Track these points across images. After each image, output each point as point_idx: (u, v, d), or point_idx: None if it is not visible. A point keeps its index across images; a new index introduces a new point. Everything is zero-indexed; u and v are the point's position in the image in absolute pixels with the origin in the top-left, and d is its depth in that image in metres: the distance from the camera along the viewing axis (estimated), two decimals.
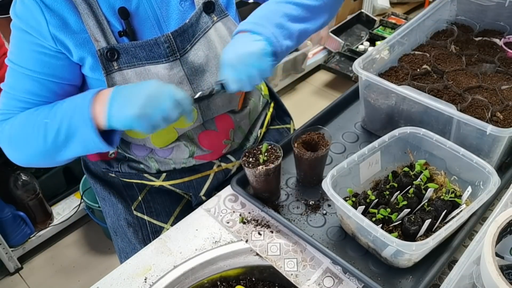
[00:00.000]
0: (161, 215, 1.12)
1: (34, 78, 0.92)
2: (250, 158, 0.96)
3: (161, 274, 0.88)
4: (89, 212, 1.98)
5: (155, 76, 0.96)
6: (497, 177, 0.84)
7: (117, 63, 0.93)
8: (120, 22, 0.93)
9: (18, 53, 0.92)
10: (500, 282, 0.64)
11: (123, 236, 1.13)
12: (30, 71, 0.91)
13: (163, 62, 0.96)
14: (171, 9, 0.97)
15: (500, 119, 1.00)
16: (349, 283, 0.84)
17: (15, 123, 0.93)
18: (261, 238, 0.92)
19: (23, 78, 0.92)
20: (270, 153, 0.96)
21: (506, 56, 1.17)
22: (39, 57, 0.91)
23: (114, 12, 0.92)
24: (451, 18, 1.33)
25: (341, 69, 2.76)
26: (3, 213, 1.81)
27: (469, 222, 0.88)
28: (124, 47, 0.92)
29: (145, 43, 0.94)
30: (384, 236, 0.76)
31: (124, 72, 0.94)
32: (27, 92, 0.93)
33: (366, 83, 1.08)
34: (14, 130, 0.93)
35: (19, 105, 0.94)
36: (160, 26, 0.96)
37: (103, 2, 0.91)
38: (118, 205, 1.13)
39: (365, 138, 1.15)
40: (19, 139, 0.93)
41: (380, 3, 3.14)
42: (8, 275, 1.96)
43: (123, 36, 0.93)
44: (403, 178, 0.93)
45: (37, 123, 0.90)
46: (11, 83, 0.94)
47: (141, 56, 0.94)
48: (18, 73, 0.92)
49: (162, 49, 0.95)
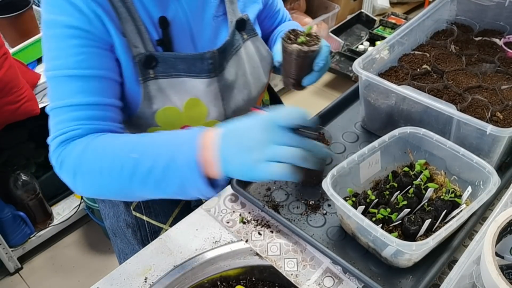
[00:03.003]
0: (160, 216, 1.12)
1: (89, 76, 0.84)
2: (291, 35, 0.96)
3: (161, 274, 0.88)
4: (89, 212, 1.98)
5: (190, 89, 0.95)
6: (497, 177, 0.84)
7: (154, 71, 0.92)
8: (157, 31, 0.92)
9: (65, 55, 0.84)
10: (500, 282, 0.64)
11: (122, 237, 1.13)
12: (83, 70, 0.84)
13: (203, 77, 0.96)
14: (204, 23, 0.97)
15: (500, 119, 1.00)
16: (349, 283, 0.84)
17: (86, 152, 0.81)
18: (261, 238, 0.92)
19: (75, 80, 0.84)
20: (311, 39, 0.95)
21: (506, 56, 1.17)
22: (91, 51, 0.85)
23: (152, 20, 0.91)
24: (451, 18, 1.33)
25: (341, 69, 2.76)
26: (3, 213, 1.81)
27: (469, 222, 0.88)
28: (163, 56, 0.91)
29: (188, 56, 0.93)
30: (384, 236, 0.76)
31: (160, 81, 0.93)
32: (83, 95, 0.84)
33: (366, 83, 1.08)
34: (85, 160, 0.81)
35: (77, 117, 0.83)
36: (194, 39, 0.96)
37: (142, 9, 0.89)
38: (119, 206, 1.12)
39: (365, 138, 1.15)
40: (91, 171, 0.81)
41: (380, 3, 3.14)
42: (8, 275, 1.96)
43: (159, 45, 0.92)
44: (403, 178, 0.93)
45: (119, 157, 0.79)
46: (61, 93, 0.85)
47: (179, 68, 0.93)
48: (67, 77, 0.84)
49: (206, 64, 0.94)
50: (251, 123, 0.72)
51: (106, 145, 0.81)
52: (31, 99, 1.58)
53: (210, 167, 0.73)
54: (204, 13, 0.96)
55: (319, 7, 2.87)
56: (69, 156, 0.83)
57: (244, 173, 0.70)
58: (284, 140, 0.69)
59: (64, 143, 0.84)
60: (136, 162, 0.77)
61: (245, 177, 0.72)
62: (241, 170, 0.71)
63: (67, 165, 0.83)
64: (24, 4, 1.63)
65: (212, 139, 0.73)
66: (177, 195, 0.78)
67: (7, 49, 1.47)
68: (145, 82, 0.91)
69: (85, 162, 0.81)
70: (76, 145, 0.83)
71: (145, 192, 0.79)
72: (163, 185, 0.76)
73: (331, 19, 2.84)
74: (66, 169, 0.84)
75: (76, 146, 0.82)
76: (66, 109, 0.84)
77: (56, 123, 0.85)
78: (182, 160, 0.73)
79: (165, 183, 0.76)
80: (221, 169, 0.72)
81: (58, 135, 0.84)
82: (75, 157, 0.82)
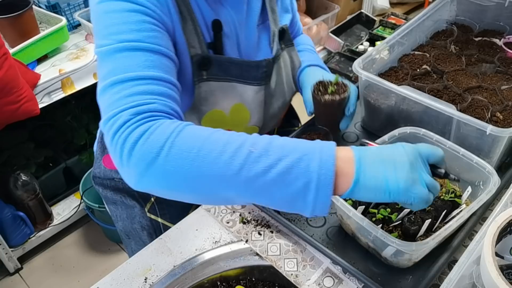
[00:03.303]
0: (174, 218, 1.11)
1: (160, 53, 0.78)
2: (320, 87, 1.02)
3: (161, 274, 0.88)
4: (89, 212, 1.98)
5: (239, 94, 0.97)
6: (497, 177, 0.84)
7: (207, 72, 0.92)
8: (209, 34, 0.92)
9: (136, 29, 0.77)
10: (500, 282, 0.64)
11: (137, 239, 1.13)
12: (155, 45, 0.77)
13: (254, 85, 0.97)
14: (248, 31, 0.98)
15: (500, 119, 1.00)
16: (349, 283, 0.84)
17: (185, 131, 0.69)
18: (261, 238, 0.92)
19: (146, 54, 0.76)
20: (339, 87, 1.01)
21: (506, 56, 1.18)
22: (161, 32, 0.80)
23: (206, 23, 0.91)
24: (451, 18, 1.33)
25: (341, 69, 2.76)
26: (3, 213, 1.81)
27: (469, 222, 0.88)
28: (218, 59, 0.92)
29: (243, 62, 0.94)
30: (384, 236, 0.76)
31: (211, 84, 0.93)
32: (154, 69, 0.75)
33: (366, 83, 1.08)
34: (182, 138, 0.68)
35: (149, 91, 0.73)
36: (239, 45, 0.97)
37: (198, 11, 0.90)
38: (134, 208, 1.12)
39: (365, 138, 1.14)
40: (187, 150, 0.67)
41: (380, 3, 3.14)
42: (8, 275, 1.96)
43: (209, 48, 0.92)
44: None
45: (231, 144, 0.67)
46: (127, 65, 0.75)
47: (232, 73, 0.94)
48: (137, 50, 0.76)
49: (260, 72, 0.96)
50: (395, 148, 0.69)
51: (213, 133, 0.70)
52: (31, 99, 1.57)
53: (342, 178, 0.66)
54: (249, 21, 0.98)
55: (319, 7, 2.87)
56: (155, 130, 0.69)
57: (396, 189, 0.65)
58: (428, 172, 0.70)
59: (142, 115, 0.71)
60: (253, 155, 0.66)
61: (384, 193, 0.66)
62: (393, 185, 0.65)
63: (150, 140, 0.68)
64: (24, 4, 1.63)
65: (347, 151, 0.68)
66: (282, 203, 0.68)
67: (7, 49, 1.47)
68: (198, 84, 0.92)
69: (180, 142, 0.68)
70: (165, 122, 0.71)
71: (242, 193, 0.67)
72: (276, 188, 0.65)
73: (331, 19, 2.84)
74: (147, 147, 0.67)
75: (165, 125, 0.70)
76: (135, 82, 0.73)
77: (123, 96, 0.72)
78: (315, 162, 0.65)
79: (282, 184, 0.65)
80: (354, 182, 0.66)
81: (129, 108, 0.71)
82: (165, 133, 0.68)
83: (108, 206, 1.18)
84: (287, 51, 1.08)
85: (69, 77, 1.70)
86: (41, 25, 1.79)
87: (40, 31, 1.70)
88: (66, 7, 1.83)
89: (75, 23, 1.89)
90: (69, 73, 1.69)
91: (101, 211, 1.91)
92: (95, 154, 1.17)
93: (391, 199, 0.66)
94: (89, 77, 1.75)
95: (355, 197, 0.67)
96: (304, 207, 0.66)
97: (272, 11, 1.01)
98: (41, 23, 1.80)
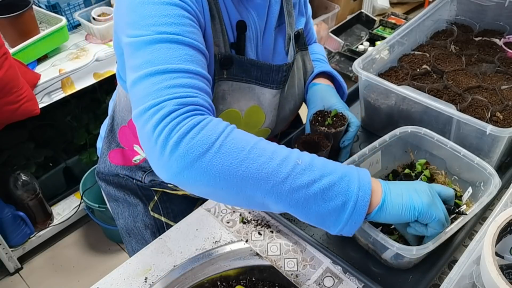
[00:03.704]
0: (178, 217, 1.11)
1: (196, 48, 0.78)
2: (319, 117, 1.02)
3: (161, 274, 0.88)
4: (89, 212, 1.98)
5: (256, 96, 0.97)
6: (498, 179, 0.84)
7: (227, 72, 0.92)
8: (233, 34, 0.93)
9: (175, 23, 0.76)
10: (500, 282, 0.64)
11: (138, 238, 1.13)
12: (192, 40, 0.77)
13: (273, 88, 0.97)
14: (267, 33, 0.99)
15: (500, 119, 1.00)
16: (349, 283, 0.84)
17: (236, 132, 0.71)
18: (261, 238, 0.92)
19: (184, 47, 0.76)
20: (338, 119, 1.02)
21: (506, 56, 1.18)
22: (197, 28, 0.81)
23: (230, 23, 0.91)
24: (451, 18, 1.33)
25: (341, 69, 2.76)
26: (3, 213, 1.81)
27: (469, 222, 0.88)
28: (240, 60, 0.92)
29: (265, 65, 0.94)
30: (385, 240, 0.76)
31: (230, 83, 0.93)
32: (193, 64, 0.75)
33: (366, 83, 1.08)
34: (234, 137, 0.69)
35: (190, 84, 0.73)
36: (257, 47, 0.98)
37: (225, 11, 0.90)
38: (137, 207, 1.12)
39: (365, 138, 1.15)
40: (237, 150, 0.68)
41: (380, 3, 3.14)
42: (8, 275, 1.96)
43: (232, 48, 0.92)
44: (404, 177, 0.93)
45: (280, 153, 0.69)
46: (165, 57, 0.74)
47: (252, 74, 0.94)
48: (176, 43, 0.75)
49: (280, 76, 0.96)
50: (412, 181, 0.77)
51: (261, 139, 0.72)
52: (31, 99, 1.57)
53: (373, 197, 0.71)
54: (268, 23, 0.98)
55: (319, 7, 2.87)
56: (206, 125, 0.69)
57: (420, 205, 0.72)
58: (442, 207, 0.76)
59: (188, 107, 0.70)
60: (299, 167, 0.68)
61: (409, 209, 0.72)
62: (417, 202, 0.72)
63: (201, 135, 0.68)
64: (24, 4, 1.63)
65: (374, 179, 0.74)
66: (316, 218, 0.70)
67: (7, 49, 1.47)
68: (217, 82, 0.92)
69: (230, 142, 0.68)
70: (214, 119, 0.71)
71: (281, 202, 0.69)
72: (314, 202, 0.68)
73: (331, 19, 2.84)
74: (202, 138, 0.67)
75: (214, 120, 0.71)
76: (177, 75, 0.72)
77: (165, 87, 0.71)
78: (355, 184, 0.69)
79: (321, 199, 0.68)
80: (382, 200, 0.71)
81: (173, 98, 0.70)
82: (217, 131, 0.69)
83: (110, 203, 1.18)
84: (300, 55, 1.08)
85: (69, 77, 1.70)
86: (41, 25, 1.79)
87: (40, 31, 1.70)
88: (66, 7, 1.83)
89: (75, 23, 1.89)
90: (69, 73, 1.68)
91: (101, 211, 1.91)
92: (100, 150, 1.17)
93: (416, 215, 0.72)
94: (89, 77, 1.75)
95: (382, 216, 0.72)
96: (335, 224, 0.70)
97: (289, 14, 1.02)
98: (41, 23, 1.80)
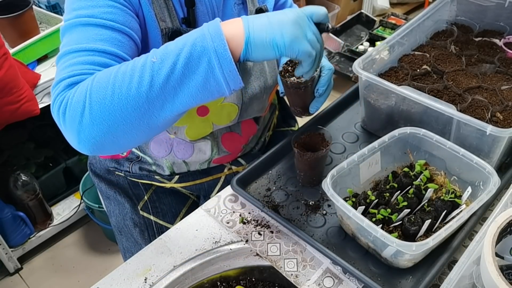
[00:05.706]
0: (167, 216, 1.12)
1: (112, 28, 0.82)
2: (289, 67, 0.97)
3: (161, 274, 0.88)
4: (89, 213, 1.98)
5: None
6: (497, 178, 0.84)
7: None
8: (182, 10, 0.94)
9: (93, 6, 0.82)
10: (500, 282, 0.64)
11: (128, 236, 1.13)
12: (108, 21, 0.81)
13: None
14: (226, 9, 0.99)
15: (500, 119, 1.00)
16: (349, 283, 0.84)
17: (96, 78, 0.74)
18: (261, 238, 0.92)
19: (97, 28, 0.80)
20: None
21: (506, 57, 1.18)
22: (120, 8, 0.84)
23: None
24: (451, 18, 1.33)
25: (341, 69, 2.76)
26: (3, 213, 1.81)
27: (469, 222, 0.88)
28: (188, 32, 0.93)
29: None
30: (384, 237, 0.77)
31: None
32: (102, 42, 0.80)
33: (366, 84, 1.08)
34: (95, 85, 0.73)
35: (92, 61, 0.78)
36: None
37: None
38: (125, 205, 1.12)
39: (365, 138, 1.15)
40: (102, 96, 0.72)
41: (380, 3, 3.14)
42: (8, 275, 1.96)
43: (183, 23, 0.94)
44: (403, 178, 0.93)
45: (135, 67, 0.73)
46: (80, 38, 0.80)
47: None
48: (90, 25, 0.80)
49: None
50: (281, 11, 0.76)
51: (120, 66, 0.75)
52: (31, 99, 1.58)
53: (234, 42, 0.73)
54: (226, 0, 0.98)
55: None
56: (75, 92, 0.75)
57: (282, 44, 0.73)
58: (311, 30, 0.76)
59: (73, 86, 0.76)
60: (155, 63, 0.72)
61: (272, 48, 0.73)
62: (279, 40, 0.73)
63: (74, 101, 0.74)
64: (24, 4, 1.63)
65: (236, 20, 0.75)
66: (201, 91, 0.73)
67: (7, 49, 1.47)
68: None
69: (95, 87, 0.73)
70: (83, 82, 0.76)
71: (165, 102, 0.72)
72: (187, 79, 0.71)
73: (331, 19, 2.84)
74: (73, 107, 0.74)
75: (83, 82, 0.75)
76: (82, 53, 0.78)
77: (66, 66, 0.78)
78: (207, 40, 0.71)
79: (190, 72, 0.71)
80: (245, 43, 0.73)
81: (66, 77, 0.77)
82: (83, 89, 0.74)
83: (104, 201, 1.19)
84: None
85: None
86: (41, 25, 1.79)
87: (40, 31, 1.70)
88: None
89: None
90: None
91: (101, 211, 1.91)
92: None
93: (279, 53, 0.74)
94: None
95: (251, 58, 0.74)
96: (219, 85, 0.72)
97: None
98: (41, 23, 1.80)
